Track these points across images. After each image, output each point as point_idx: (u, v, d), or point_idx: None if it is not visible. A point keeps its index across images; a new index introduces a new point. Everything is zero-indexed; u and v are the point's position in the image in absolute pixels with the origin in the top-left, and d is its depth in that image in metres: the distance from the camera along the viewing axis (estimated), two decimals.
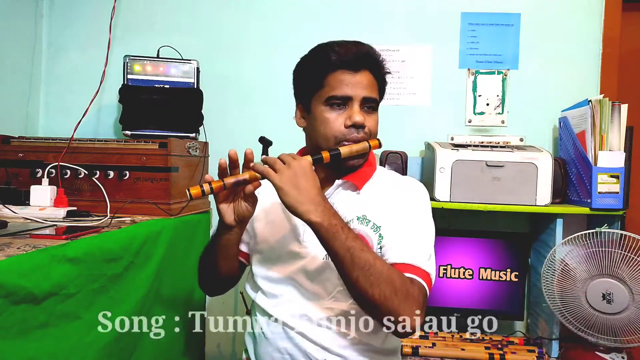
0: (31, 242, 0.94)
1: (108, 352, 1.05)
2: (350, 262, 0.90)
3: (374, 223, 1.05)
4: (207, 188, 0.94)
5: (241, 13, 1.94)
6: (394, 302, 0.90)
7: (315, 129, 1.07)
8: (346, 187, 1.10)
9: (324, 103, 1.04)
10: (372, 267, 0.90)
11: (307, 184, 0.93)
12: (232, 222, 1.01)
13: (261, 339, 1.10)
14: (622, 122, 1.55)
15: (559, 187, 1.66)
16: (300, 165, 0.94)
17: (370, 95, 1.05)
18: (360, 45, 1.06)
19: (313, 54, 1.09)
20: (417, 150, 1.89)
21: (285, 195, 0.92)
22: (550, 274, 1.54)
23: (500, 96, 1.89)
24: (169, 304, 1.39)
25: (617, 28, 1.84)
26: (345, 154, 1.03)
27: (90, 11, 1.96)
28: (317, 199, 0.92)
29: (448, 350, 1.60)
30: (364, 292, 0.91)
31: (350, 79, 1.03)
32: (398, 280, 0.92)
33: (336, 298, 1.04)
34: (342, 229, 0.92)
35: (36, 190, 1.35)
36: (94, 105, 1.75)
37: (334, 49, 1.04)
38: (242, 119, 1.94)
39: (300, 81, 1.12)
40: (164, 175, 1.45)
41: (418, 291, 0.94)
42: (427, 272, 0.98)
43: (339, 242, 0.91)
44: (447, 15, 1.90)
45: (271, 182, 0.93)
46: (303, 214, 0.91)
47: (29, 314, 0.82)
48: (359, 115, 1.03)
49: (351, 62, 1.03)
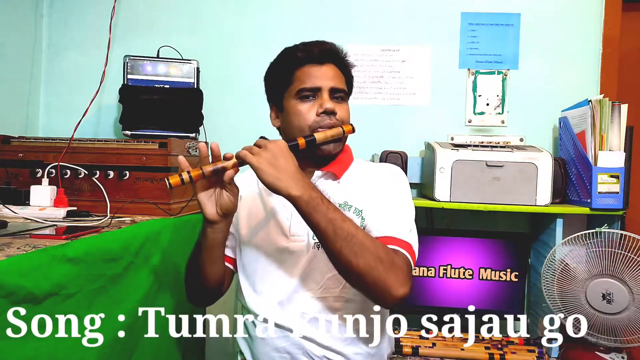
0: (31, 242, 0.94)
1: (108, 352, 1.05)
2: (332, 233, 0.91)
3: (356, 207, 1.08)
4: (186, 177, 0.95)
5: (241, 13, 1.94)
6: (379, 271, 0.91)
7: (289, 123, 1.11)
8: (327, 177, 1.13)
9: (294, 97, 1.09)
10: (355, 236, 0.92)
11: (285, 162, 0.94)
12: (215, 216, 1.01)
13: (257, 340, 1.10)
14: (622, 122, 1.55)
15: (559, 187, 1.66)
16: (277, 145, 0.96)
17: (337, 86, 1.10)
18: (324, 42, 1.13)
19: (280, 56, 1.17)
20: (417, 150, 1.89)
21: (264, 174, 0.93)
22: (550, 274, 1.54)
23: (500, 96, 1.89)
24: (169, 304, 1.39)
25: (617, 28, 1.84)
26: (320, 139, 1.05)
27: (90, 11, 1.96)
28: (296, 175, 0.94)
29: (448, 350, 1.60)
30: (348, 263, 0.91)
31: (317, 72, 1.09)
32: (381, 250, 0.93)
33: (326, 286, 1.06)
34: (322, 200, 0.93)
35: (36, 190, 1.35)
36: (94, 105, 1.74)
37: (299, 47, 1.12)
38: (242, 119, 1.94)
39: (270, 83, 1.18)
40: (164, 175, 1.45)
41: (402, 261, 0.96)
42: (409, 243, 1.00)
43: (320, 214, 0.92)
44: (447, 15, 1.90)
45: (249, 163, 0.94)
46: (282, 189, 0.92)
47: (29, 314, 0.81)
48: (329, 102, 1.08)
49: (316, 57, 1.10)
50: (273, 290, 1.09)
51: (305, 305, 1.06)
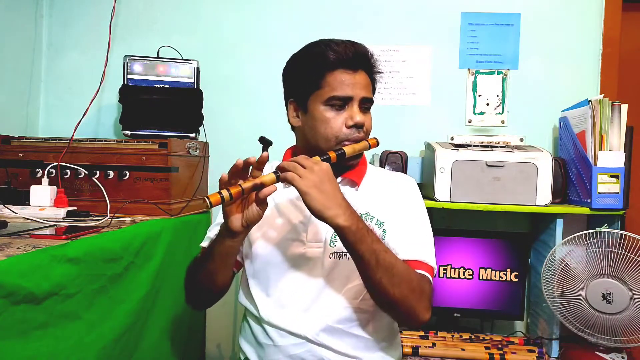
0: (31, 242, 0.94)
1: (108, 352, 1.05)
2: (375, 264, 0.92)
3: (378, 219, 1.07)
4: (227, 195, 0.89)
5: (241, 13, 1.94)
6: (412, 300, 0.94)
7: (314, 129, 1.05)
8: (345, 183, 1.11)
9: (324, 103, 1.03)
10: (394, 267, 0.93)
11: (332, 188, 0.92)
12: (240, 228, 0.96)
13: (269, 347, 1.06)
14: (622, 122, 1.55)
15: (559, 187, 1.66)
16: (322, 169, 0.93)
17: (368, 96, 1.06)
18: (357, 45, 1.06)
19: (309, 53, 1.07)
20: (417, 150, 1.89)
21: (312, 200, 0.90)
22: (550, 274, 1.54)
23: (500, 96, 1.89)
24: (169, 304, 1.39)
25: (617, 28, 1.84)
26: (349, 154, 1.03)
27: (90, 11, 1.96)
28: (344, 203, 0.92)
29: (448, 350, 1.60)
30: (385, 292, 0.93)
31: (350, 80, 1.03)
32: (415, 280, 0.96)
33: (346, 297, 1.05)
34: (367, 232, 0.93)
35: (36, 190, 1.35)
36: (94, 105, 1.75)
37: (332, 47, 1.03)
38: (242, 119, 1.94)
39: (294, 80, 1.10)
40: (164, 175, 1.45)
41: (428, 287, 0.99)
42: (433, 267, 1.03)
43: (365, 245, 0.91)
44: (447, 15, 1.90)
45: (297, 187, 0.91)
46: (331, 218, 0.90)
47: (29, 314, 0.81)
48: (360, 116, 1.04)
49: (350, 62, 1.03)
50: (290, 297, 1.06)
51: (324, 314, 1.04)
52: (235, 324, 1.96)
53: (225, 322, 1.95)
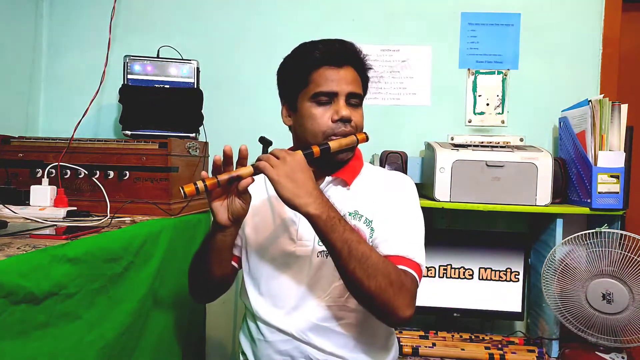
0: (31, 242, 0.94)
1: (108, 352, 1.05)
2: (347, 254, 0.91)
3: (366, 217, 1.07)
4: (201, 186, 0.93)
5: (241, 13, 1.94)
6: (389, 294, 0.91)
7: (302, 125, 1.08)
8: (336, 182, 1.11)
9: (310, 99, 1.06)
10: (369, 259, 0.91)
11: (304, 177, 0.93)
12: (227, 222, 0.99)
13: (260, 342, 1.10)
14: (622, 122, 1.55)
15: (559, 187, 1.66)
16: (295, 159, 0.95)
17: (354, 91, 1.07)
18: (343, 42, 1.08)
19: (296, 53, 1.11)
20: (417, 150, 1.89)
21: (282, 189, 0.91)
22: (550, 274, 1.54)
23: (500, 96, 1.89)
24: (169, 304, 1.39)
25: (617, 28, 1.84)
26: (334, 148, 1.03)
27: (90, 11, 1.96)
28: (315, 192, 0.93)
29: (448, 350, 1.60)
30: (360, 284, 0.92)
31: (335, 75, 1.05)
32: (393, 273, 0.94)
33: (332, 295, 1.05)
34: (339, 221, 0.92)
35: (36, 190, 1.35)
36: (94, 105, 1.74)
37: (317, 46, 1.06)
38: (242, 119, 1.94)
39: (284, 80, 1.13)
40: (164, 175, 1.45)
41: (411, 282, 0.96)
42: (418, 263, 1.00)
43: (336, 234, 0.91)
44: (447, 15, 1.90)
45: (268, 176, 0.93)
46: (301, 206, 0.91)
47: (29, 314, 0.81)
48: (345, 110, 1.04)
49: (335, 58, 1.05)
50: (279, 295, 1.08)
51: (311, 312, 1.05)
52: (235, 322, 1.96)
53: (225, 321, 1.95)
